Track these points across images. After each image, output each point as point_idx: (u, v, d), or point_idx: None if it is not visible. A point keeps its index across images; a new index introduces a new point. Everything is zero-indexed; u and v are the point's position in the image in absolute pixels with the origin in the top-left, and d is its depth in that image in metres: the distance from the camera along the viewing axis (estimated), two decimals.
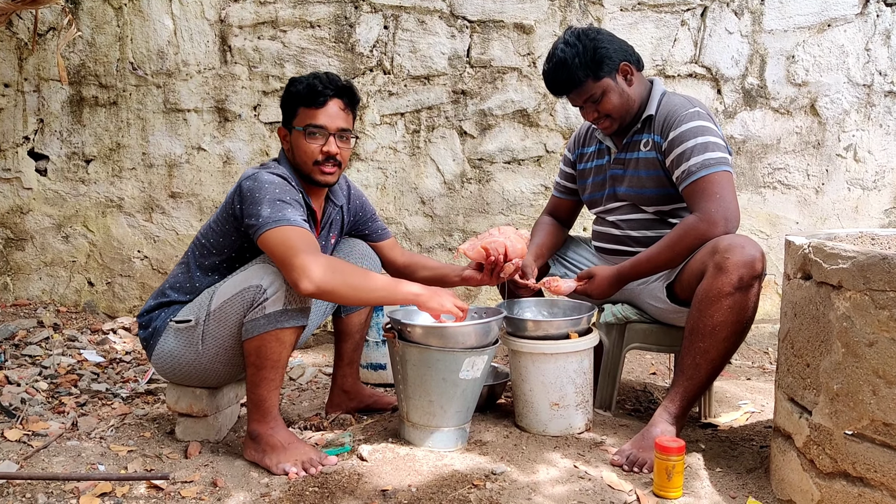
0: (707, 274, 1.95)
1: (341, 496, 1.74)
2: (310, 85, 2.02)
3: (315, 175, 2.05)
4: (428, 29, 3.49)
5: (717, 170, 2.05)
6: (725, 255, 1.92)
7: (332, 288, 1.82)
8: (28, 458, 1.98)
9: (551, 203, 2.58)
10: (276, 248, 1.84)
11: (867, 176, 3.67)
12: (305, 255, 1.81)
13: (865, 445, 1.48)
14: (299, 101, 2.03)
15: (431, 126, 3.54)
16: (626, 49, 2.21)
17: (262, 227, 1.86)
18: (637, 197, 2.24)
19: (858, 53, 3.57)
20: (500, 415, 2.31)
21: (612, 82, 2.17)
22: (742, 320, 1.95)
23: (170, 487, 1.82)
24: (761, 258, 1.93)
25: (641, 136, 2.23)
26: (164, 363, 2.07)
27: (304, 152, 2.03)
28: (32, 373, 2.72)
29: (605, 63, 2.15)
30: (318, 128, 2.02)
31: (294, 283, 1.81)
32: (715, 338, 1.95)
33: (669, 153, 2.13)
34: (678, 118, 2.13)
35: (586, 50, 2.14)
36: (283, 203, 1.90)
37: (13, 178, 3.61)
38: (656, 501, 1.73)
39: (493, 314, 2.08)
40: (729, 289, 1.91)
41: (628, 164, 2.25)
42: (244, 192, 1.94)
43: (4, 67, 3.54)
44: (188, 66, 3.51)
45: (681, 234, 2.05)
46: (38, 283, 3.66)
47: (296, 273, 1.80)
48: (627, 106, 2.21)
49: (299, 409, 2.52)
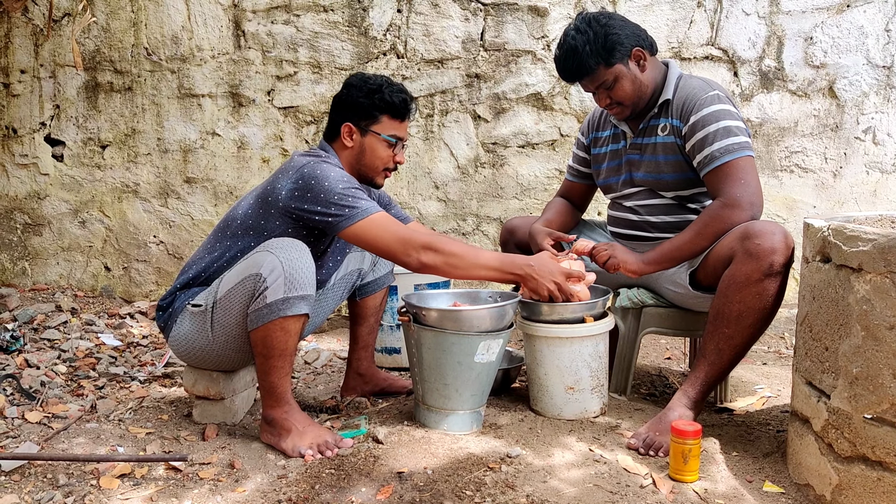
0: (736, 259, 1.93)
1: (357, 478, 1.75)
2: (403, 99, 2.12)
3: (378, 179, 2.16)
4: (441, 12, 3.46)
5: (741, 155, 2.03)
6: (756, 241, 1.89)
7: (435, 265, 1.94)
8: (48, 440, 2.00)
9: (564, 186, 2.56)
10: (377, 238, 1.94)
11: (886, 159, 3.62)
12: (406, 238, 1.94)
13: (885, 429, 1.46)
14: (388, 110, 2.10)
15: (445, 110, 3.53)
16: (638, 34, 2.17)
17: (351, 218, 1.92)
18: (655, 182, 2.22)
19: (878, 34, 3.52)
20: (514, 398, 2.31)
21: (625, 68, 2.15)
22: (769, 307, 1.93)
23: (188, 469, 1.83)
24: (792, 245, 1.91)
25: (658, 120, 2.20)
26: (180, 346, 2.08)
27: (378, 157, 2.12)
28: (51, 356, 2.75)
29: (616, 49, 2.12)
30: (400, 139, 2.13)
31: (405, 265, 1.95)
32: (741, 324, 1.93)
33: (690, 137, 2.10)
34: (698, 102, 2.10)
35: (597, 36, 2.11)
36: (358, 190, 1.97)
37: (30, 163, 3.63)
38: (672, 485, 1.73)
39: (508, 298, 2.08)
40: (759, 275, 1.89)
41: (645, 149, 2.23)
42: (308, 179, 1.95)
43: (21, 53, 3.56)
44: (202, 52, 3.52)
45: (707, 220, 2.03)
46: (55, 268, 3.69)
47: (405, 257, 1.94)
48: (640, 92, 2.18)
49: (315, 392, 2.54)
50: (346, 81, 2.15)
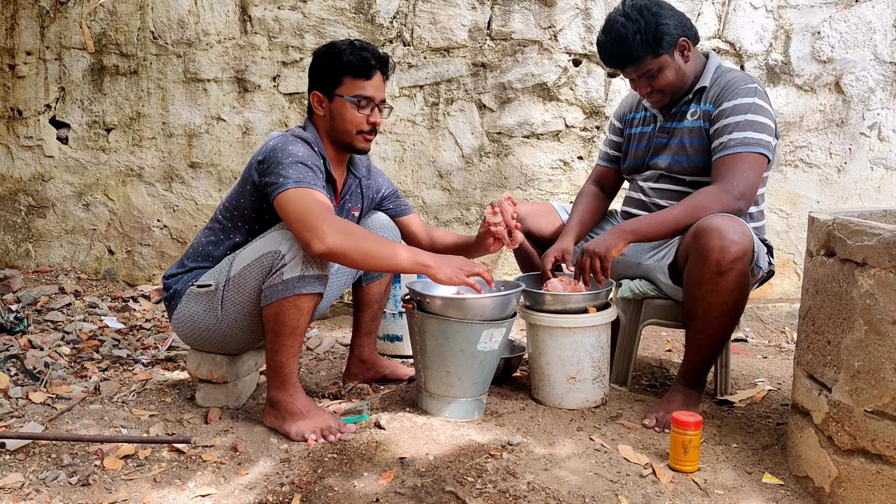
0: (690, 258, 1.99)
1: (360, 463, 1.76)
2: (362, 57, 2.03)
3: (357, 143, 2.09)
4: (449, 0, 3.45)
5: (755, 150, 2.04)
6: (703, 240, 1.92)
7: (344, 251, 1.83)
8: (52, 420, 2.02)
9: (596, 172, 2.53)
10: (292, 209, 1.86)
11: (891, 155, 3.61)
12: (320, 217, 1.83)
13: (885, 423, 1.47)
14: (348, 70, 2.04)
15: (450, 99, 3.52)
16: (684, 23, 2.17)
17: (281, 186, 1.88)
18: (677, 166, 2.21)
19: (886, 30, 3.51)
20: (516, 387, 2.32)
21: (671, 59, 2.14)
22: (730, 301, 1.95)
23: (191, 451, 1.85)
24: (744, 241, 1.90)
25: (690, 106, 2.21)
26: (184, 327, 2.10)
27: (349, 121, 2.05)
28: (55, 338, 2.77)
29: (664, 39, 2.11)
30: (367, 98, 2.05)
31: (307, 244, 1.83)
32: (707, 318, 1.99)
33: (717, 121, 2.11)
34: (736, 90, 2.11)
35: (648, 26, 2.09)
36: (305, 167, 1.93)
37: (35, 145, 3.64)
38: (672, 475, 1.74)
39: (512, 287, 2.09)
40: (710, 274, 1.92)
41: (674, 134, 2.23)
42: (268, 151, 1.96)
43: (27, 35, 3.55)
44: (208, 36, 3.51)
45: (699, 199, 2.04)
46: (59, 251, 3.70)
47: (308, 233, 1.82)
48: (682, 82, 2.19)
49: (317, 378, 2.55)
50: (313, 52, 2.15)
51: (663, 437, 1.95)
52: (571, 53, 3.50)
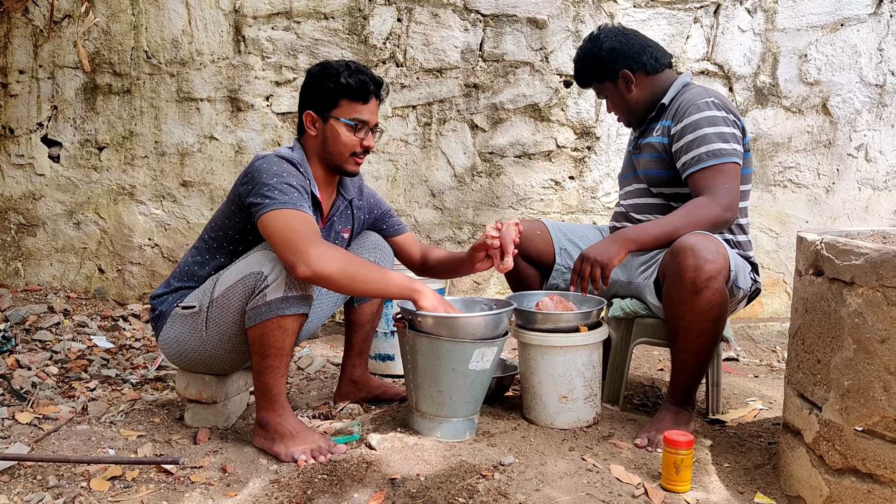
0: (667, 278, 2.01)
1: (350, 483, 1.75)
2: (360, 80, 2.03)
3: (348, 166, 2.09)
4: (441, 22, 3.49)
5: (727, 160, 2.10)
6: (677, 258, 1.95)
7: (329, 275, 1.81)
8: (39, 441, 1.99)
9: None
10: (277, 230, 1.83)
11: (878, 176, 3.66)
12: (306, 239, 1.80)
13: (876, 442, 1.48)
14: (346, 93, 2.03)
15: (443, 119, 3.54)
16: (632, 56, 2.26)
17: (266, 207, 1.86)
18: (647, 179, 2.30)
19: (871, 53, 3.56)
20: (508, 407, 2.31)
21: (613, 87, 2.31)
22: (709, 318, 1.97)
23: (180, 472, 1.83)
24: (719, 259, 1.92)
25: (656, 123, 2.30)
26: (171, 348, 2.08)
27: (342, 143, 2.05)
28: (43, 357, 2.74)
29: (602, 72, 2.29)
30: (363, 122, 2.06)
31: (291, 267, 1.81)
32: (688, 336, 2.00)
33: (679, 139, 2.17)
34: (693, 105, 2.17)
35: (594, 56, 2.29)
36: (291, 187, 1.90)
37: (26, 164, 3.63)
38: (664, 495, 1.73)
39: (504, 306, 2.09)
40: (686, 293, 1.94)
41: (644, 149, 2.32)
42: (253, 171, 1.94)
43: (20, 54, 3.56)
44: (202, 56, 3.53)
45: (692, 208, 2.07)
46: (48, 269, 3.68)
47: (293, 256, 1.79)
48: (628, 108, 2.33)
49: (307, 398, 2.54)
50: (307, 71, 2.15)
51: (655, 457, 1.95)
52: (562, 75, 3.53)
